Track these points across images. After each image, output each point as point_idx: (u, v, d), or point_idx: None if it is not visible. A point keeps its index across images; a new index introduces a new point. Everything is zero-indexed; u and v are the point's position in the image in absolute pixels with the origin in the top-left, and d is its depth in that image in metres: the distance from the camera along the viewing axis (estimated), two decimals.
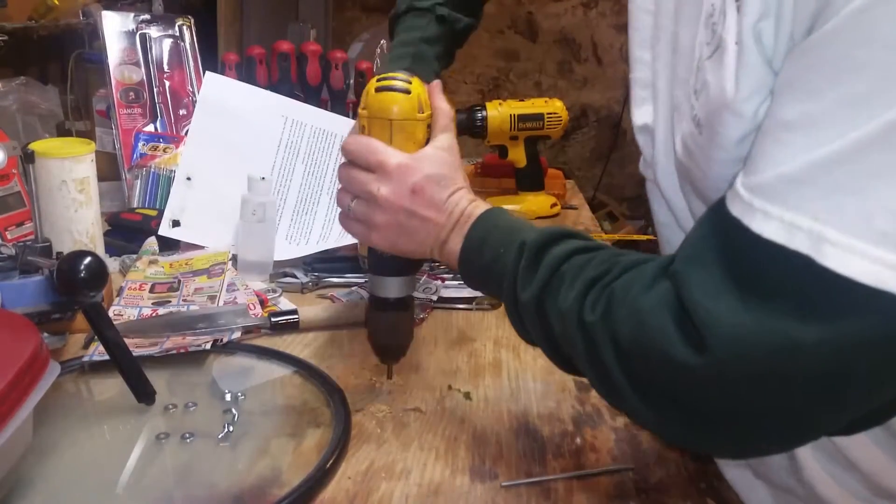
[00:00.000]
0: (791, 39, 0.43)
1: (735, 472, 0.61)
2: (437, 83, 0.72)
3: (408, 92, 0.66)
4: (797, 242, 0.40)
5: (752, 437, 0.46)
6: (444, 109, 0.69)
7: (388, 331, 0.73)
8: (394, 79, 0.66)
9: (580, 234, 0.59)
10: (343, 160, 0.68)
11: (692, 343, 0.43)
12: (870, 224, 0.38)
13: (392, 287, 0.71)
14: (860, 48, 0.38)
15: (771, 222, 0.41)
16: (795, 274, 0.40)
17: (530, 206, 1.34)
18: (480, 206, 0.64)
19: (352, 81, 1.41)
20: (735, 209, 0.44)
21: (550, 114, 1.30)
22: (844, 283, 0.38)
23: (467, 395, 0.74)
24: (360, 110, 0.68)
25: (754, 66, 0.45)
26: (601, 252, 0.56)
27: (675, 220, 0.66)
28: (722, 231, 0.45)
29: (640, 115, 0.68)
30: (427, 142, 0.67)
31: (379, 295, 0.71)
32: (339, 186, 0.69)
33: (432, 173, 0.64)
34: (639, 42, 0.67)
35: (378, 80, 0.67)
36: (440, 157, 0.65)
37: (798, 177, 0.40)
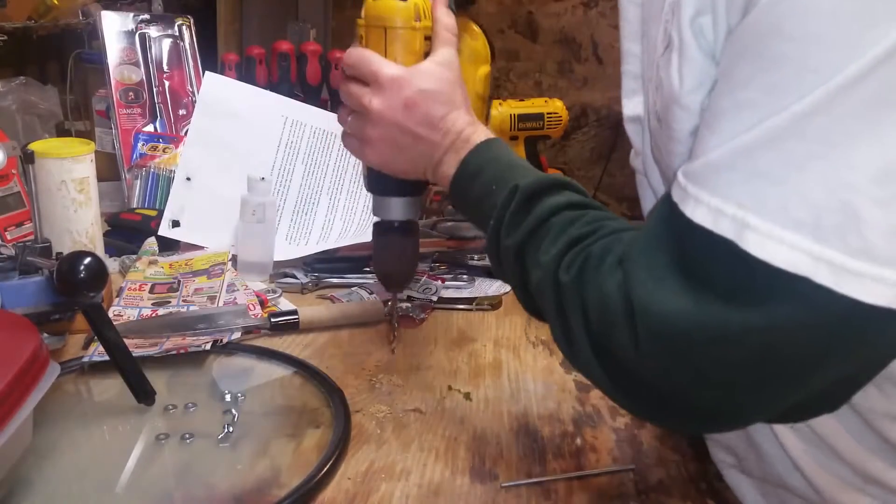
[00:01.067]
0: (729, 32, 0.44)
1: (727, 473, 0.61)
2: None
3: None
4: (723, 227, 0.41)
5: (690, 415, 0.47)
6: (447, 21, 0.65)
7: (391, 256, 0.71)
8: None
9: (575, 186, 0.58)
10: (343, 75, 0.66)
11: (632, 328, 0.44)
12: (787, 211, 0.39)
13: (394, 208, 0.69)
14: (774, 39, 0.39)
15: (701, 207, 0.42)
16: (723, 259, 0.41)
17: None
18: (480, 132, 0.62)
19: None
20: (675, 195, 0.44)
21: (550, 114, 1.30)
22: (766, 268, 0.39)
23: (467, 396, 0.74)
24: (358, 20, 0.65)
25: (696, 59, 0.46)
26: (591, 212, 0.56)
27: None
28: (664, 216, 0.46)
29: (631, 106, 0.69)
30: (426, 55, 0.64)
31: (381, 217, 0.70)
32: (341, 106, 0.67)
33: (428, 88, 0.62)
34: (628, 34, 0.67)
35: None
36: (438, 73, 0.63)
37: (723, 163, 0.41)
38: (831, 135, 0.38)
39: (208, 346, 0.79)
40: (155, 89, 1.28)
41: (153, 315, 0.87)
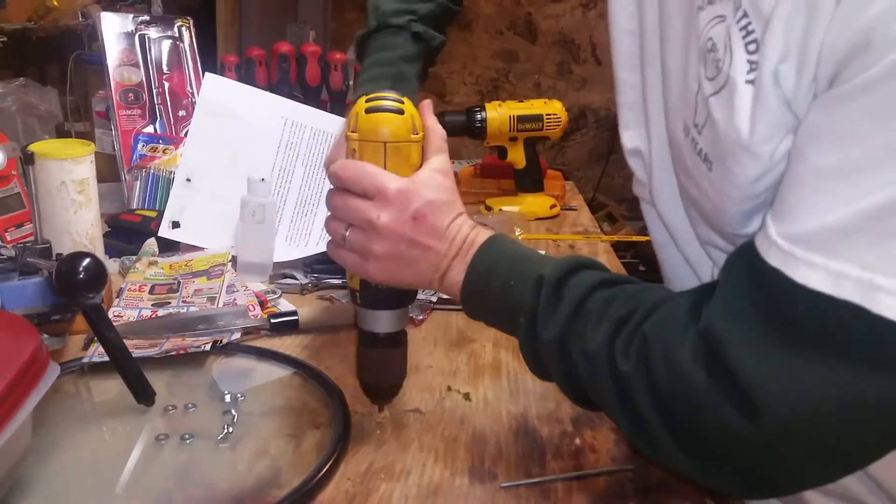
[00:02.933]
0: (814, 82, 0.42)
1: None
2: (427, 102, 0.69)
3: (401, 112, 0.61)
4: (845, 291, 0.39)
5: (802, 485, 0.47)
6: (437, 129, 0.65)
7: (377, 369, 0.68)
8: (384, 99, 0.62)
9: (596, 264, 0.58)
10: (331, 187, 0.64)
11: (742, 408, 0.42)
12: None
13: (383, 321, 0.66)
14: None
15: (816, 272, 0.40)
16: (847, 325, 0.39)
17: (529, 207, 1.34)
18: (483, 233, 0.61)
19: (351, 82, 1.42)
20: (773, 260, 0.42)
21: (550, 115, 1.30)
22: None
23: (466, 396, 0.75)
24: (348, 133, 0.63)
25: (772, 107, 0.44)
26: (624, 287, 0.54)
27: (672, 241, 0.65)
28: (759, 282, 0.43)
29: (631, 138, 0.68)
30: (420, 164, 0.63)
31: (369, 329, 0.66)
32: (329, 215, 0.64)
33: (433, 199, 0.60)
34: (624, 65, 0.66)
35: (367, 101, 0.62)
36: (438, 181, 0.61)
37: (844, 226, 0.40)
38: None
39: (208, 347, 0.79)
40: (155, 90, 1.28)
41: (153, 316, 0.87)
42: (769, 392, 0.41)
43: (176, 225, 1.06)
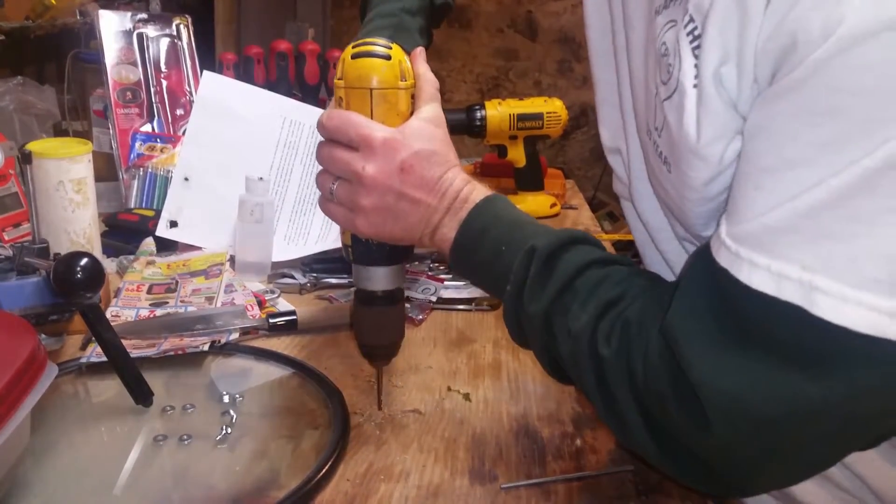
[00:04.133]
0: (755, 83, 0.42)
1: None
2: (420, 49, 0.67)
3: (388, 58, 0.59)
4: (787, 293, 0.39)
5: (759, 483, 0.46)
6: (429, 77, 0.63)
7: (375, 328, 0.67)
8: (372, 44, 0.60)
9: (591, 240, 0.57)
10: (321, 138, 0.62)
11: (693, 413, 0.42)
12: (860, 271, 0.37)
13: (379, 278, 0.64)
14: (828, 96, 0.38)
15: (759, 272, 0.40)
16: (790, 326, 0.39)
17: (530, 205, 1.33)
18: (477, 191, 0.60)
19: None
20: (722, 259, 0.43)
21: (550, 113, 1.30)
22: (841, 333, 0.37)
23: (467, 397, 0.74)
24: (335, 80, 0.61)
25: (716, 110, 0.44)
26: (616, 268, 0.54)
27: (651, 240, 0.65)
28: (711, 281, 0.43)
29: (610, 136, 0.67)
30: (411, 114, 0.61)
31: (365, 287, 0.65)
32: (319, 168, 0.63)
33: (422, 149, 0.58)
34: (599, 62, 0.66)
35: (355, 47, 0.60)
36: (428, 131, 0.59)
37: (782, 225, 0.40)
38: None
39: (206, 347, 0.79)
40: (153, 89, 1.28)
41: (151, 316, 0.86)
42: (718, 399, 0.41)
43: (174, 224, 1.05)
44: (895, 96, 0.36)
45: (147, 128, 1.26)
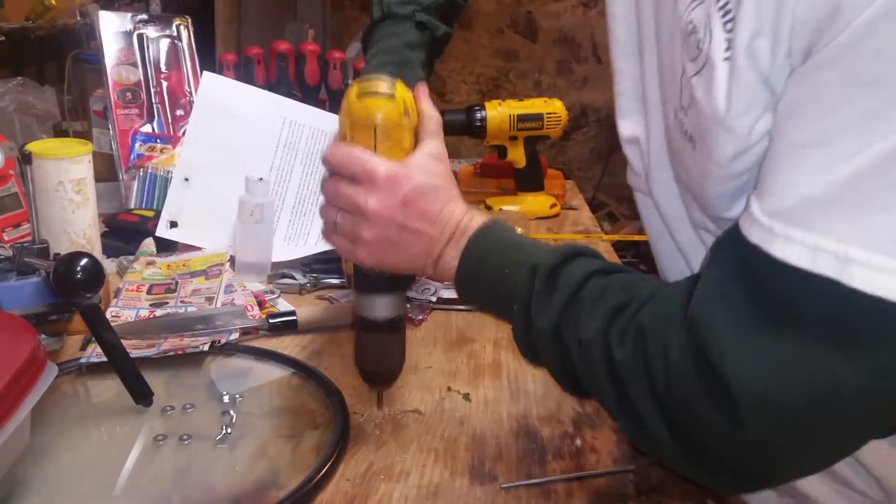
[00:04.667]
0: (789, 56, 0.42)
1: None
2: (422, 86, 0.69)
3: (392, 96, 0.61)
4: (821, 266, 0.38)
5: (789, 473, 0.46)
6: (432, 114, 0.65)
7: (376, 354, 0.68)
8: (377, 82, 0.62)
9: (591, 252, 0.57)
10: (326, 173, 0.64)
11: (726, 409, 0.42)
12: None
13: (380, 306, 0.65)
14: (873, 62, 0.37)
15: (793, 246, 0.39)
16: (825, 302, 0.38)
17: (530, 206, 1.33)
18: (477, 218, 0.61)
19: (350, 81, 1.41)
20: (754, 236, 0.42)
21: (550, 113, 1.30)
22: (876, 304, 0.37)
23: (466, 397, 0.74)
24: (340, 117, 0.63)
25: (748, 83, 0.44)
26: (618, 276, 0.54)
27: (667, 229, 0.65)
28: (741, 262, 0.43)
29: (628, 126, 0.67)
30: (413, 149, 0.63)
31: (366, 315, 0.66)
32: (323, 201, 0.64)
33: (424, 183, 0.60)
34: (621, 53, 0.66)
35: (360, 84, 0.62)
36: (430, 166, 0.61)
37: (819, 196, 0.39)
38: None
39: (206, 347, 0.79)
40: (153, 90, 1.28)
41: (151, 316, 0.86)
42: (752, 393, 0.40)
43: (174, 225, 1.05)
44: None
45: (147, 128, 1.26)
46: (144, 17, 1.30)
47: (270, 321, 0.85)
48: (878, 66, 0.37)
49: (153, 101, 1.28)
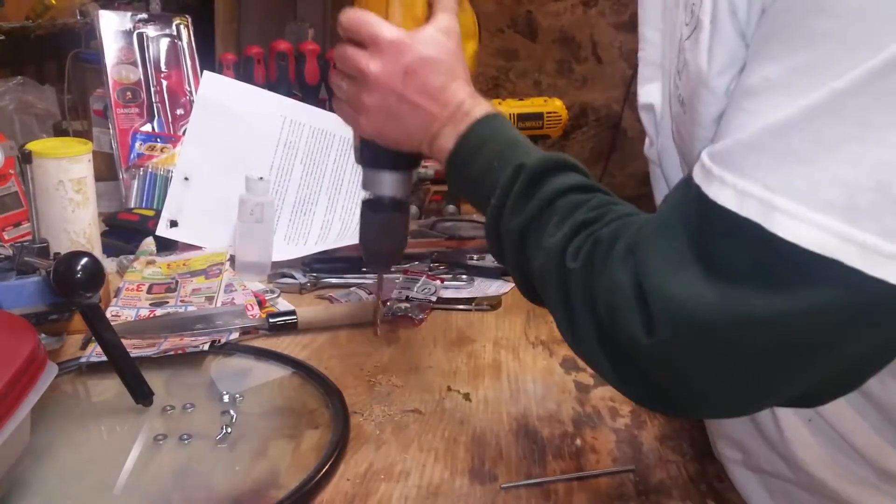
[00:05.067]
0: (762, 10, 0.43)
1: (733, 469, 0.61)
2: None
3: None
4: (748, 209, 0.40)
5: (707, 403, 0.47)
6: None
7: (380, 234, 0.69)
8: None
9: (580, 168, 0.57)
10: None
11: (642, 314, 0.43)
12: (817, 192, 0.38)
13: (385, 184, 0.66)
14: (811, 16, 0.39)
15: (726, 189, 0.41)
16: (748, 242, 0.40)
17: None
18: (481, 106, 0.60)
19: None
20: (697, 176, 0.43)
21: (550, 113, 1.30)
22: (794, 250, 0.38)
23: (467, 397, 0.74)
24: None
25: (727, 39, 0.45)
26: (597, 195, 0.54)
27: None
28: (685, 198, 0.44)
29: (645, 93, 0.68)
30: (426, 21, 0.62)
31: (371, 192, 0.67)
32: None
33: (429, 56, 0.59)
34: (645, 20, 0.67)
35: None
36: (440, 40, 0.60)
37: (751, 143, 0.40)
38: (870, 113, 0.37)
39: (206, 347, 0.79)
40: (153, 89, 1.28)
41: (151, 315, 0.86)
42: (666, 304, 0.42)
43: (174, 224, 1.05)
44: (878, 20, 0.37)
45: (147, 128, 1.26)
46: (144, 16, 1.30)
47: (270, 321, 0.85)
48: (816, 22, 0.38)
49: (153, 100, 1.28)
